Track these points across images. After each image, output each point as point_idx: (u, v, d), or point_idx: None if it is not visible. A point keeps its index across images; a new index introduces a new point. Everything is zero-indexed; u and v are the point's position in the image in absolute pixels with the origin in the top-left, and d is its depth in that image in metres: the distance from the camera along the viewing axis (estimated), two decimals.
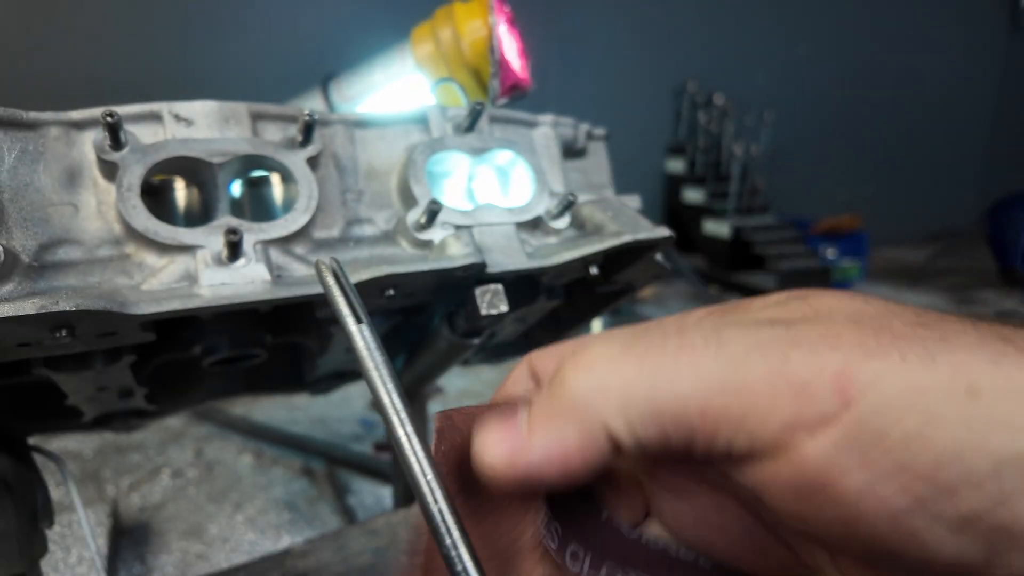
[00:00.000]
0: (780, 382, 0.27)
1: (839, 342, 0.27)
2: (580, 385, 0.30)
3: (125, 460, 1.39)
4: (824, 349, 0.27)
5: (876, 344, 0.27)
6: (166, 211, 0.66)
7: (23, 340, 0.53)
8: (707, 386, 0.28)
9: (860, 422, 0.26)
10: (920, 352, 0.26)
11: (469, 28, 1.29)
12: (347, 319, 0.33)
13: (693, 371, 0.28)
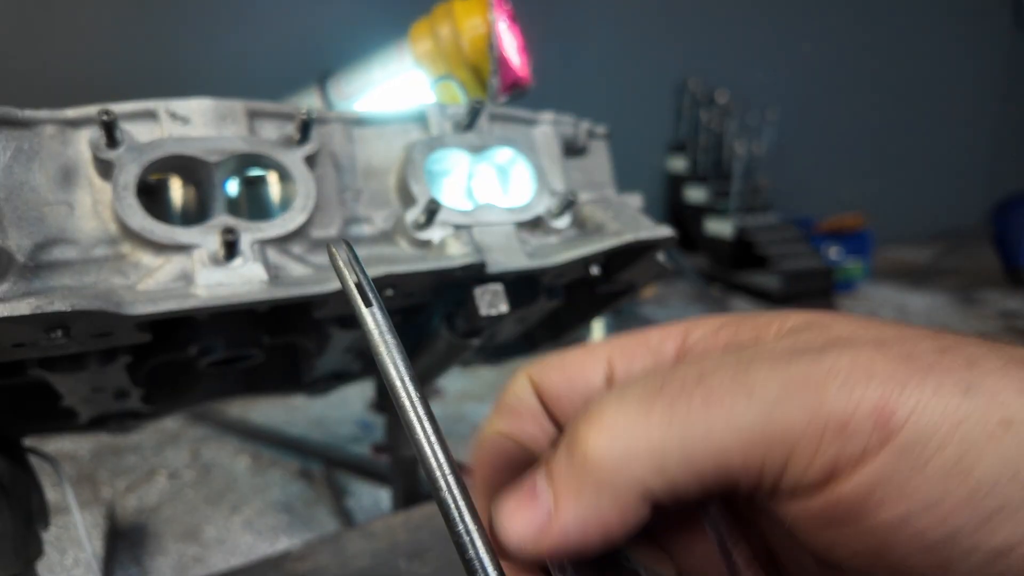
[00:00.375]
0: (820, 423, 0.26)
1: (873, 372, 0.26)
2: (606, 452, 0.29)
3: (121, 462, 1.39)
4: (859, 382, 0.26)
5: (908, 374, 0.26)
6: (162, 210, 0.65)
7: (18, 340, 0.53)
8: (746, 436, 0.27)
9: (899, 455, 0.26)
10: (954, 382, 0.26)
11: (468, 25, 1.29)
12: (358, 302, 0.32)
13: (728, 421, 0.27)
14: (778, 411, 0.27)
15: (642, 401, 0.29)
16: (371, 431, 1.52)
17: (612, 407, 0.30)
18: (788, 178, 5.23)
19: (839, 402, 0.26)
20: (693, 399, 0.28)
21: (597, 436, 0.29)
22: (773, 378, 0.28)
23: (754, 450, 0.27)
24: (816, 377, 0.27)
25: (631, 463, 0.28)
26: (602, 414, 0.30)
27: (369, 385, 1.13)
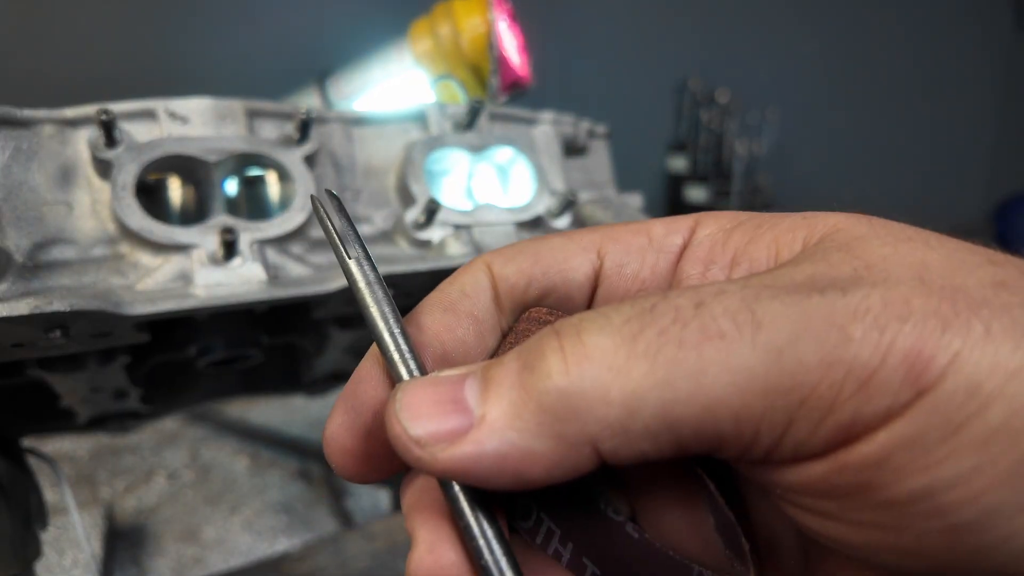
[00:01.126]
0: (839, 374, 0.21)
1: (909, 312, 0.21)
2: (567, 386, 0.23)
3: (120, 462, 1.38)
4: (891, 323, 0.21)
5: (953, 312, 0.21)
6: (161, 210, 0.65)
7: (17, 340, 0.53)
8: (744, 386, 0.22)
9: (931, 413, 0.21)
10: (1009, 324, 0.21)
11: (468, 24, 1.29)
12: (341, 252, 0.30)
13: (724, 367, 0.22)
14: (788, 355, 0.21)
15: (627, 334, 0.23)
16: None
17: (593, 336, 0.23)
18: (789, 177, 5.24)
19: (865, 348, 0.21)
20: (685, 337, 0.22)
21: (563, 363, 0.23)
22: (786, 314, 0.22)
23: (750, 407, 0.22)
24: (839, 316, 0.22)
25: (592, 409, 0.22)
26: (580, 337, 0.24)
27: None
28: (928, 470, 0.21)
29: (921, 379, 0.21)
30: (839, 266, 0.24)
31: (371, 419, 0.28)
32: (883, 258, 0.24)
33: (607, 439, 0.23)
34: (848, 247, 0.25)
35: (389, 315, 0.29)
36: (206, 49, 1.80)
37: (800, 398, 0.21)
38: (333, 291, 0.60)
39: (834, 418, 0.21)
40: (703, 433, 0.22)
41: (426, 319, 0.30)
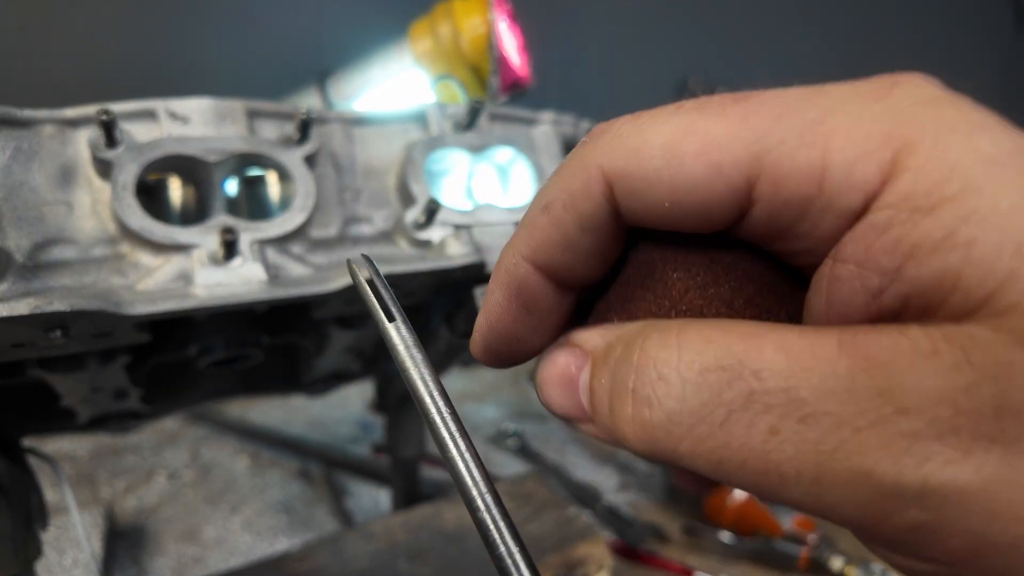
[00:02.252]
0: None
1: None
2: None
3: (120, 462, 1.38)
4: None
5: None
6: (161, 210, 0.65)
7: (17, 340, 0.53)
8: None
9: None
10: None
11: (468, 25, 1.29)
12: (381, 317, 0.31)
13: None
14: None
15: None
16: (371, 431, 1.51)
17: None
18: None
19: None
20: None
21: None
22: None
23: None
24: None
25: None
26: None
27: (369, 386, 1.13)
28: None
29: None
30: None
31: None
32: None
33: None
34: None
35: (430, 380, 0.29)
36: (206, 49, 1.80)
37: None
38: (333, 291, 0.60)
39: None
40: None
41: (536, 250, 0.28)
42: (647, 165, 0.24)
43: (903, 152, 0.20)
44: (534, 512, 0.98)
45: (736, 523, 1.14)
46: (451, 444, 0.29)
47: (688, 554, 1.14)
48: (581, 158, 0.25)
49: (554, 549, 0.91)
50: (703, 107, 0.24)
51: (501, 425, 1.51)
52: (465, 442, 0.29)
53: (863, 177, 0.21)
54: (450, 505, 0.99)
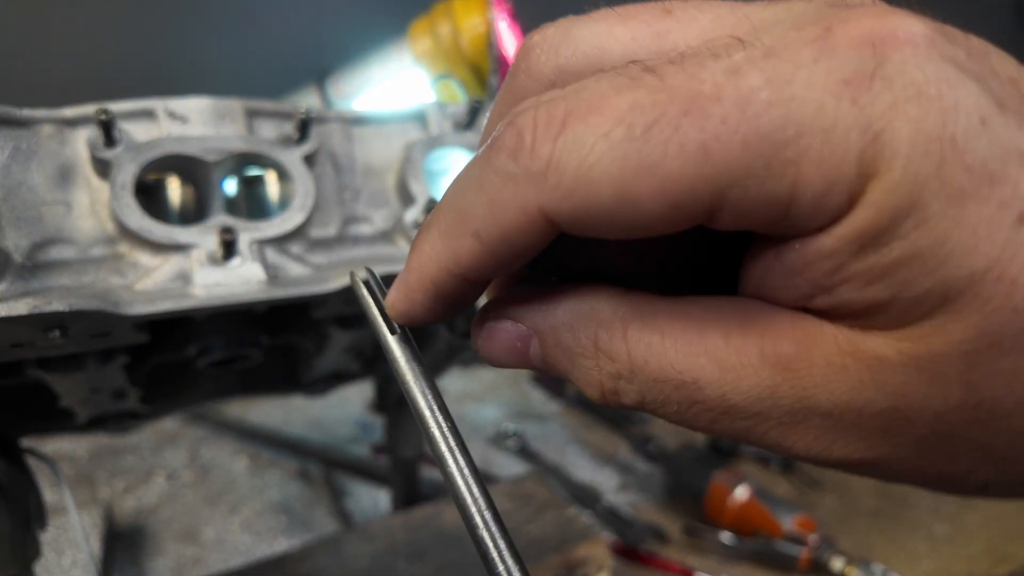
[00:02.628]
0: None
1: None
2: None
3: (119, 462, 1.38)
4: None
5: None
6: (160, 209, 0.65)
7: (16, 340, 0.53)
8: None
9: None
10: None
11: (468, 24, 1.29)
12: (382, 329, 0.31)
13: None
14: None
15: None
16: (370, 432, 1.51)
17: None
18: None
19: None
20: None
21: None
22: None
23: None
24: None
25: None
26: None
27: (368, 386, 1.13)
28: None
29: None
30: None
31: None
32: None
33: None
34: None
35: (429, 393, 0.30)
36: (205, 49, 1.80)
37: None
38: (333, 291, 0.60)
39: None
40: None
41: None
42: (596, 211, 0.23)
43: (872, 177, 0.20)
44: (534, 513, 0.98)
45: (736, 524, 1.14)
46: (450, 459, 0.29)
47: (688, 554, 1.13)
48: (515, 194, 0.24)
49: (554, 550, 0.91)
50: (650, 128, 0.21)
51: (501, 425, 1.51)
52: (464, 458, 0.29)
53: (832, 206, 0.21)
54: (450, 506, 0.99)
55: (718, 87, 0.21)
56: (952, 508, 1.27)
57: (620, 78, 0.23)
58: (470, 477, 0.28)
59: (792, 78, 0.21)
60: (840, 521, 1.23)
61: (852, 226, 0.21)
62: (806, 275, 0.23)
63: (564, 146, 0.22)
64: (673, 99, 0.21)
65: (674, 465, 1.27)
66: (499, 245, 0.25)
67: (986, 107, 0.20)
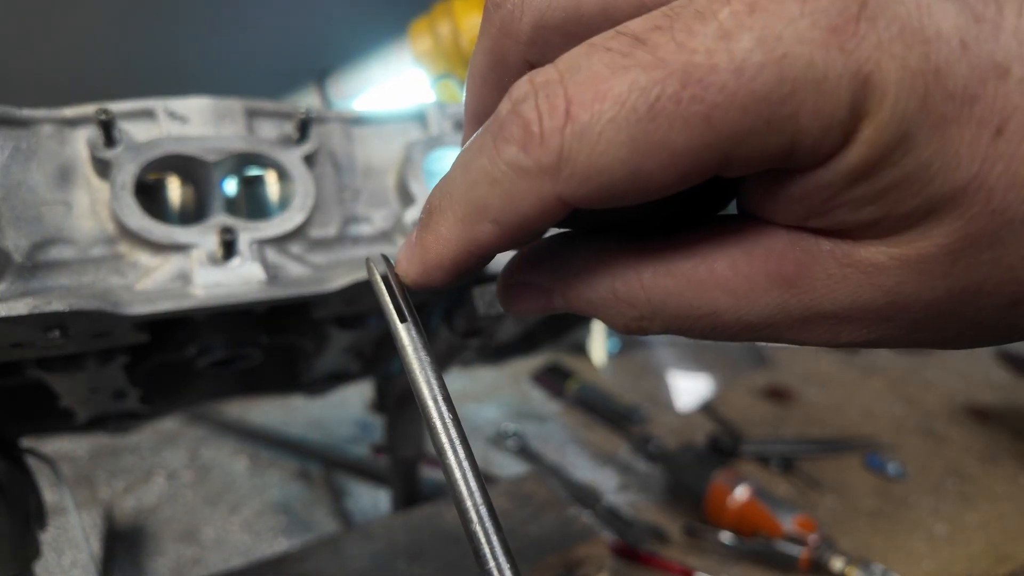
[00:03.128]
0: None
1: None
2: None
3: (119, 462, 1.38)
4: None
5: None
6: (160, 209, 0.65)
7: (16, 340, 0.52)
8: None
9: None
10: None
11: (468, 24, 1.29)
12: (393, 317, 0.31)
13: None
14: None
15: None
16: (370, 432, 1.51)
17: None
18: None
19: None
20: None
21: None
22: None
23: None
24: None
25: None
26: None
27: (368, 385, 1.13)
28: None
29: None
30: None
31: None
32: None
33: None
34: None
35: (434, 383, 0.30)
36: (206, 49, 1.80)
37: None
38: (332, 291, 0.60)
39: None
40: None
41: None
42: (611, 190, 0.24)
43: (863, 117, 0.22)
44: (534, 513, 0.98)
45: (736, 524, 1.14)
46: (450, 451, 0.29)
47: (688, 555, 1.13)
48: (531, 186, 0.24)
49: (554, 550, 0.91)
50: (655, 108, 0.22)
51: (501, 425, 1.51)
52: (464, 450, 0.29)
53: (828, 145, 0.22)
54: (450, 505, 0.99)
55: (711, 54, 0.21)
56: (952, 508, 1.27)
57: (612, 55, 0.23)
58: (469, 471, 0.28)
59: (781, 34, 0.21)
60: (840, 521, 1.23)
61: (847, 161, 0.22)
62: (803, 202, 0.24)
63: (573, 136, 0.23)
64: (670, 74, 0.22)
65: (674, 465, 1.27)
66: (517, 230, 0.26)
67: (964, 26, 0.21)
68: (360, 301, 0.64)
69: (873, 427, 1.55)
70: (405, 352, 0.31)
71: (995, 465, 1.41)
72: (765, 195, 0.26)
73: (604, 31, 0.24)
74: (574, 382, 1.62)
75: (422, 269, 0.30)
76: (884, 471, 1.38)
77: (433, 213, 0.29)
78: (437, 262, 0.29)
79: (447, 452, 0.29)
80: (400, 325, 0.31)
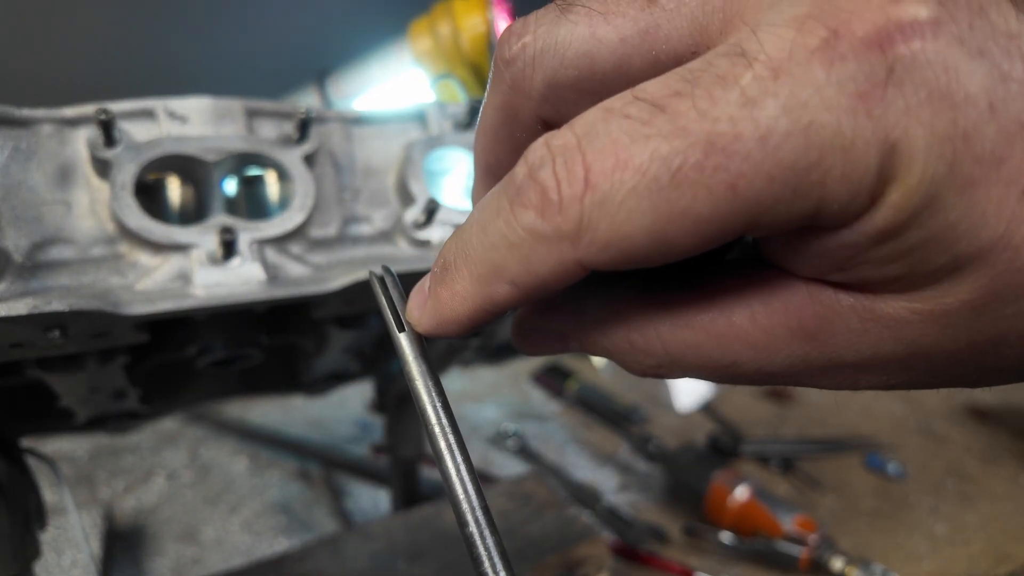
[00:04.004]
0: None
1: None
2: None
3: (119, 462, 1.38)
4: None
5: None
6: (160, 209, 0.65)
7: (16, 340, 0.52)
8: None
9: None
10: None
11: (468, 24, 1.29)
12: (391, 326, 0.32)
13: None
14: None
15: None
16: (370, 432, 1.51)
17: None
18: None
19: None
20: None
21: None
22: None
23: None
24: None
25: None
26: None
27: (368, 386, 1.13)
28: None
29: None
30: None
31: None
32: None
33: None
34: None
35: (433, 391, 0.31)
36: (206, 49, 1.80)
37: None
38: (332, 291, 0.60)
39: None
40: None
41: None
42: (632, 256, 0.23)
43: (891, 181, 0.21)
44: (534, 512, 0.98)
45: (736, 524, 1.14)
46: (448, 457, 0.29)
47: (688, 555, 1.13)
48: (550, 252, 0.24)
49: (554, 550, 0.91)
50: (676, 177, 0.22)
51: (501, 425, 1.51)
52: (462, 456, 0.29)
53: (854, 209, 0.22)
54: (450, 506, 0.99)
55: (735, 123, 0.21)
56: (952, 508, 1.27)
57: (631, 122, 0.22)
58: (466, 476, 0.29)
59: (807, 102, 0.21)
60: (840, 521, 1.23)
61: (873, 224, 0.22)
62: (826, 258, 0.24)
63: (593, 205, 0.23)
64: (693, 144, 0.21)
65: (674, 465, 1.27)
66: (535, 291, 0.26)
67: (992, 88, 0.20)
68: (360, 301, 0.64)
69: (873, 427, 1.55)
70: (405, 359, 0.31)
71: (995, 465, 1.41)
72: (787, 248, 0.25)
73: (618, 89, 0.24)
74: (574, 382, 1.62)
75: (436, 323, 0.30)
76: (884, 471, 1.38)
77: (449, 269, 0.29)
78: (452, 317, 0.29)
79: (445, 458, 0.29)
80: (400, 334, 0.31)
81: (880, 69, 0.20)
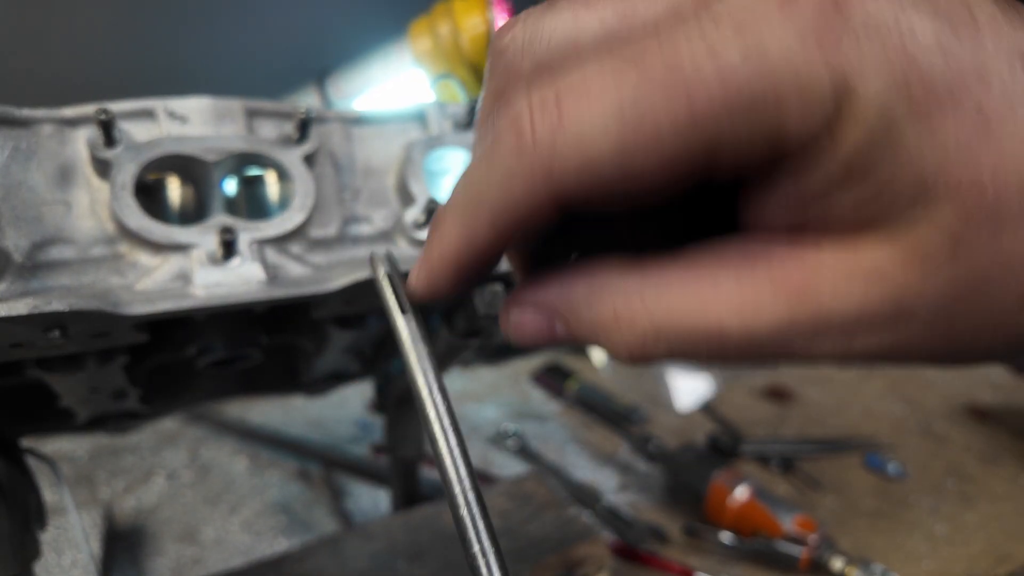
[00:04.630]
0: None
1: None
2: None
3: (119, 462, 1.38)
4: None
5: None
6: (160, 209, 0.65)
7: (15, 341, 0.52)
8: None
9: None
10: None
11: (468, 24, 1.29)
12: (393, 309, 0.32)
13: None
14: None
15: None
16: (370, 432, 1.51)
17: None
18: None
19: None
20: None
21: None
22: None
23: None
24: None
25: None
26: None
27: (368, 386, 1.13)
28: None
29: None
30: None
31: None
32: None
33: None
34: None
35: (430, 372, 0.31)
36: (206, 49, 1.80)
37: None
38: (332, 291, 0.60)
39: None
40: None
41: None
42: (602, 187, 0.25)
43: (849, 117, 0.23)
44: (534, 512, 0.98)
45: (737, 524, 1.14)
46: (442, 439, 0.29)
47: (688, 555, 1.13)
48: (524, 182, 0.26)
49: (554, 550, 0.91)
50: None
51: (501, 425, 1.51)
52: (456, 438, 0.30)
53: (816, 148, 0.23)
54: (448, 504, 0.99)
55: (695, 60, 0.23)
56: (952, 508, 1.27)
57: (601, 56, 0.25)
58: (459, 458, 0.29)
59: (763, 40, 0.22)
60: (840, 521, 1.23)
61: (836, 160, 0.23)
62: (798, 207, 0.25)
63: (564, 133, 0.24)
64: (656, 79, 0.23)
65: (674, 465, 1.27)
66: (513, 227, 0.27)
67: (940, 28, 0.22)
68: (360, 301, 0.64)
69: (873, 427, 1.55)
70: (403, 342, 0.31)
71: (995, 465, 1.41)
72: (761, 203, 0.27)
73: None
74: (574, 382, 1.62)
75: (428, 279, 0.31)
76: (884, 471, 1.38)
77: (436, 218, 0.31)
78: (440, 263, 0.30)
79: (439, 440, 0.30)
80: (400, 317, 0.32)
81: (831, 11, 0.22)
